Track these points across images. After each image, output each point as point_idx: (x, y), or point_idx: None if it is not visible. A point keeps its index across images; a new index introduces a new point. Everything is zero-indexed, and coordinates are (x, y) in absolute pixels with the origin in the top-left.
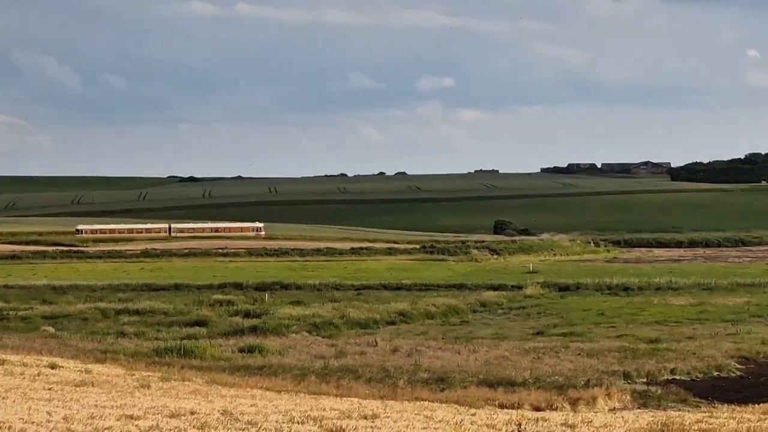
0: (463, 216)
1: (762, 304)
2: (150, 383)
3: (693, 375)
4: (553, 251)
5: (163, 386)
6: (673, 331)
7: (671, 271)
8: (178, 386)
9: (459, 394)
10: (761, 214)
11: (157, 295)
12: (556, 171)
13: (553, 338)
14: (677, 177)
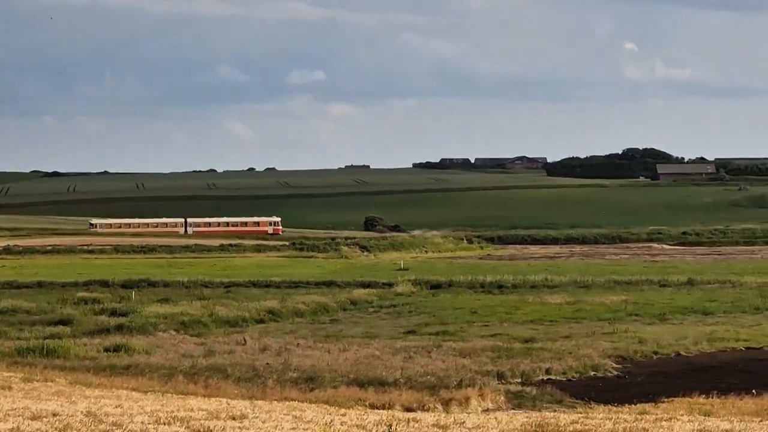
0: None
1: (639, 302)
2: (11, 384)
3: (569, 375)
4: (425, 248)
5: (24, 387)
6: (549, 330)
7: (547, 268)
8: (41, 387)
9: (329, 394)
10: (638, 210)
11: (18, 294)
12: (428, 166)
13: (425, 337)
14: (553, 172)
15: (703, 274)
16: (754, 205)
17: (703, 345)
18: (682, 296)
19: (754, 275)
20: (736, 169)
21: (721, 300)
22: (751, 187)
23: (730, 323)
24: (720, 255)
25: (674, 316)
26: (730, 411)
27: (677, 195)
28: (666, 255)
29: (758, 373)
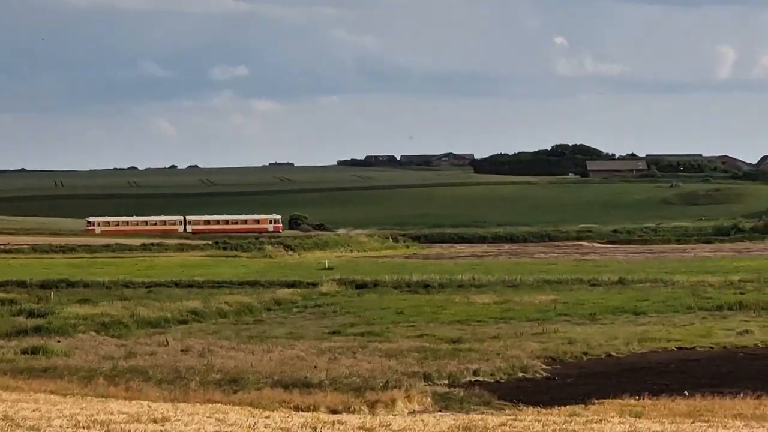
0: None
1: (569, 302)
2: None
3: (497, 376)
4: (350, 247)
5: None
6: (476, 330)
7: (474, 267)
8: None
9: (253, 396)
10: (568, 208)
11: None
12: (353, 164)
13: (350, 338)
14: (481, 169)
15: (634, 273)
16: (685, 203)
17: (635, 345)
18: (612, 296)
19: (687, 274)
20: (667, 165)
21: (653, 299)
22: (683, 184)
23: (662, 323)
24: (651, 253)
25: (605, 316)
26: (662, 413)
27: (608, 192)
28: (596, 253)
29: (691, 373)
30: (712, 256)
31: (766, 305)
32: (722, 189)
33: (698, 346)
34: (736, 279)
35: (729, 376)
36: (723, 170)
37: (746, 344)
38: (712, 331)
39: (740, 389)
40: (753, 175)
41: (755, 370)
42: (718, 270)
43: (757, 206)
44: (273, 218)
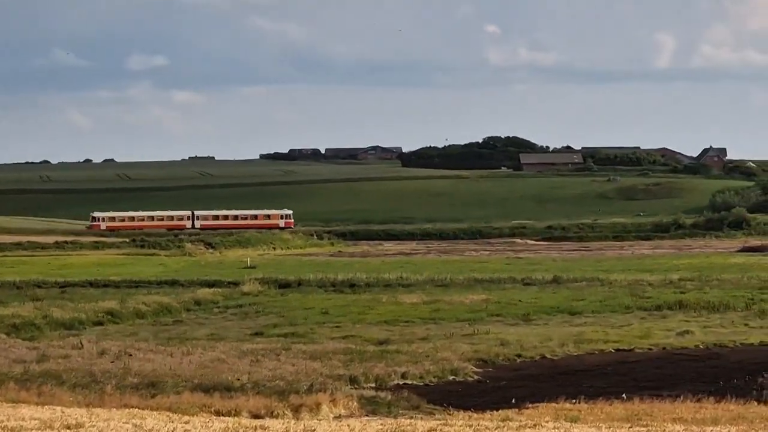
0: (178, 206)
1: (501, 301)
2: None
3: (426, 379)
4: (273, 245)
5: None
6: (405, 331)
7: (402, 265)
8: None
9: (172, 401)
10: (500, 204)
11: None
12: (277, 157)
13: (274, 339)
14: (409, 163)
15: (569, 272)
16: (623, 198)
17: (570, 347)
18: (547, 295)
19: (624, 273)
20: (604, 158)
21: (589, 299)
22: (621, 178)
23: (599, 324)
24: (588, 251)
25: (539, 316)
26: (599, 417)
27: (542, 186)
28: (530, 251)
29: (629, 376)
30: (651, 253)
31: (707, 305)
32: (662, 183)
33: (637, 348)
34: (675, 278)
35: (669, 378)
36: (663, 164)
37: (686, 345)
38: (651, 331)
39: (680, 392)
40: (694, 169)
41: (695, 373)
42: (658, 268)
43: (698, 201)
44: (284, 213)
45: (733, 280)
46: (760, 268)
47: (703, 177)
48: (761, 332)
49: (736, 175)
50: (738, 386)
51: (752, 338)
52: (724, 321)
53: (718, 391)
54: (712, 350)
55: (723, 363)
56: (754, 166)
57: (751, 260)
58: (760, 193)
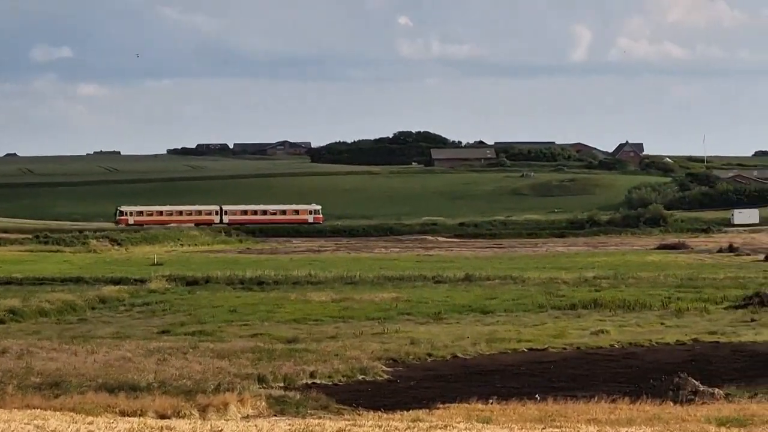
0: (83, 202)
1: (412, 300)
2: None
3: (335, 379)
4: (180, 241)
5: None
6: (314, 329)
7: (311, 263)
8: None
9: (75, 401)
10: (412, 199)
11: None
12: (184, 152)
13: (181, 337)
14: (318, 158)
15: (482, 270)
16: (537, 194)
17: (482, 346)
18: (459, 293)
19: (538, 270)
20: (518, 154)
21: (502, 297)
22: (535, 174)
23: (512, 323)
24: (501, 248)
25: (450, 315)
26: (511, 418)
27: (454, 182)
28: (441, 248)
29: (542, 376)
30: (566, 251)
31: (622, 304)
32: (577, 179)
33: (550, 347)
34: (591, 276)
35: (583, 378)
36: (577, 159)
37: (602, 345)
38: (565, 331)
39: (595, 393)
40: (609, 165)
41: (611, 373)
42: (572, 266)
43: (613, 197)
44: (313, 209)
45: (649, 278)
46: (677, 266)
47: (619, 173)
48: (678, 331)
49: (652, 170)
50: (654, 386)
51: (668, 337)
52: (640, 320)
53: (634, 392)
54: (628, 350)
55: (639, 363)
56: (671, 162)
57: (668, 258)
58: (677, 189)
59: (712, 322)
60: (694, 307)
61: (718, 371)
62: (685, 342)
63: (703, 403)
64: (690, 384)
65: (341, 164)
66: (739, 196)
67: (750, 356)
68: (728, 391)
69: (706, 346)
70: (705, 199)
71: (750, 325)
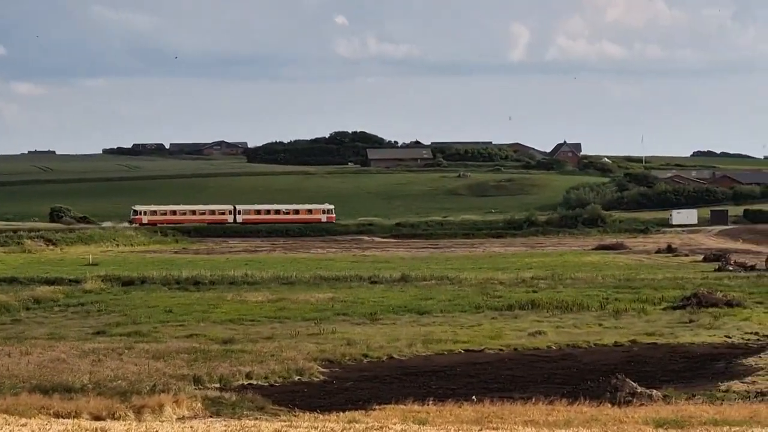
0: (17, 202)
1: (347, 300)
2: None
3: (271, 380)
4: (116, 241)
5: None
6: (250, 330)
7: (247, 263)
8: None
9: (8, 402)
10: (348, 200)
11: None
12: (120, 152)
13: (116, 338)
14: (255, 158)
15: (418, 270)
16: (474, 194)
17: (418, 347)
18: (395, 294)
19: (474, 271)
20: (455, 154)
21: (438, 298)
22: (472, 175)
23: (448, 323)
24: (437, 249)
25: (386, 315)
26: (448, 419)
27: (390, 183)
28: (378, 249)
29: (479, 377)
30: (503, 251)
31: (560, 304)
32: (514, 179)
33: (487, 348)
34: (528, 276)
35: (520, 380)
36: (515, 159)
37: (539, 346)
38: (502, 332)
39: (532, 394)
40: (547, 165)
41: (548, 374)
42: (509, 267)
43: (551, 198)
44: (326, 208)
45: (587, 278)
46: (615, 267)
47: (557, 173)
48: (615, 332)
49: (591, 171)
50: (591, 388)
51: (606, 339)
52: (578, 321)
53: (571, 393)
54: (565, 351)
55: (576, 364)
56: (609, 162)
57: (606, 258)
58: (615, 189)
59: (650, 323)
60: (632, 308)
61: (656, 372)
62: (623, 343)
63: (640, 404)
64: (628, 385)
65: (278, 164)
66: (677, 196)
67: (688, 357)
68: (666, 392)
69: (644, 348)
70: (643, 199)
71: (688, 326)
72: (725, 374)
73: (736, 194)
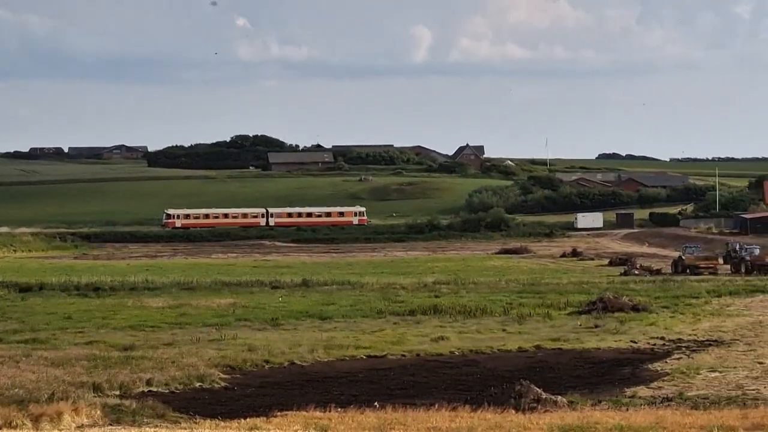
0: None
1: (249, 305)
2: None
3: (172, 386)
4: (13, 247)
5: None
6: (150, 336)
7: (148, 268)
8: None
9: None
10: (249, 204)
11: None
12: (17, 156)
13: (13, 345)
14: (155, 163)
15: (319, 275)
16: (376, 198)
17: (320, 353)
18: (296, 299)
19: (376, 276)
20: (356, 157)
21: (340, 303)
22: (373, 178)
23: (350, 329)
24: (338, 253)
25: (288, 321)
26: (350, 426)
27: (291, 186)
28: (279, 253)
29: (381, 383)
30: (405, 256)
31: (463, 309)
32: (416, 183)
33: (390, 354)
34: (430, 281)
35: (423, 386)
36: (417, 162)
37: (442, 352)
38: (404, 337)
39: (435, 400)
40: (449, 168)
41: (451, 380)
42: (411, 271)
43: (454, 201)
44: (357, 211)
45: (490, 283)
46: (519, 271)
47: (460, 176)
48: (519, 338)
49: (493, 174)
50: (495, 394)
51: (510, 344)
52: (481, 326)
53: (475, 400)
54: (469, 357)
55: (480, 370)
56: (512, 165)
57: (509, 263)
58: (519, 192)
59: (555, 328)
60: (537, 313)
61: (561, 378)
62: (527, 349)
63: (545, 410)
64: (532, 391)
65: (178, 168)
66: (582, 199)
67: (593, 363)
68: (571, 398)
69: (549, 353)
70: (548, 202)
71: (593, 331)
72: (631, 380)
73: (642, 197)
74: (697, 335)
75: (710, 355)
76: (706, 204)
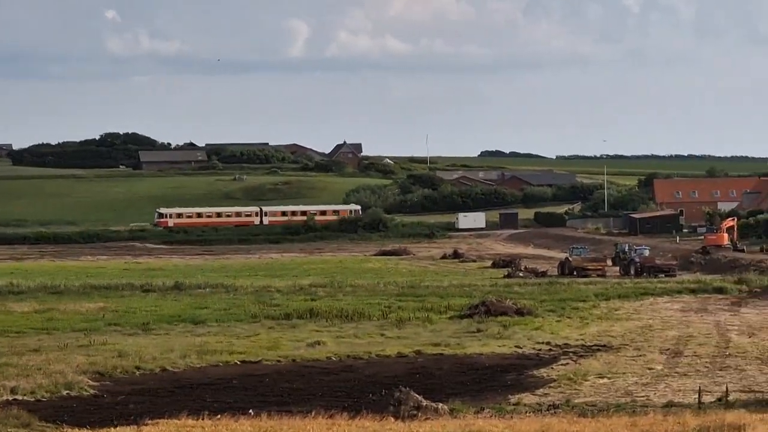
0: None
1: (119, 310)
2: None
3: (38, 394)
4: None
5: None
6: (15, 342)
7: (13, 271)
8: None
9: None
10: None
11: None
12: None
13: None
14: (21, 161)
15: (192, 277)
16: (250, 197)
17: (193, 358)
18: (168, 303)
19: (251, 278)
20: (230, 156)
21: (213, 307)
22: (248, 177)
23: (224, 333)
24: (212, 255)
25: (159, 325)
26: None
27: (163, 186)
28: (151, 255)
29: (256, 390)
30: (280, 257)
31: (340, 313)
32: (292, 182)
33: (264, 360)
34: (306, 284)
35: (299, 393)
36: (293, 161)
37: (318, 357)
38: (279, 342)
39: (311, 408)
40: (326, 166)
41: (328, 386)
42: (287, 273)
43: (331, 200)
44: (352, 209)
45: (368, 286)
46: (398, 273)
47: (337, 175)
48: (399, 343)
49: (372, 172)
50: (374, 401)
51: (389, 349)
52: (359, 331)
53: (353, 407)
54: (346, 362)
55: (358, 376)
56: (391, 164)
57: (388, 265)
58: (398, 192)
59: (436, 332)
60: (417, 317)
61: (443, 385)
62: (407, 354)
63: (426, 418)
64: (412, 398)
65: (45, 167)
66: (464, 198)
67: (476, 369)
68: (453, 405)
69: (430, 359)
70: (428, 202)
71: (476, 335)
72: (516, 386)
73: (527, 196)
74: (585, 340)
75: (598, 360)
76: (594, 203)
